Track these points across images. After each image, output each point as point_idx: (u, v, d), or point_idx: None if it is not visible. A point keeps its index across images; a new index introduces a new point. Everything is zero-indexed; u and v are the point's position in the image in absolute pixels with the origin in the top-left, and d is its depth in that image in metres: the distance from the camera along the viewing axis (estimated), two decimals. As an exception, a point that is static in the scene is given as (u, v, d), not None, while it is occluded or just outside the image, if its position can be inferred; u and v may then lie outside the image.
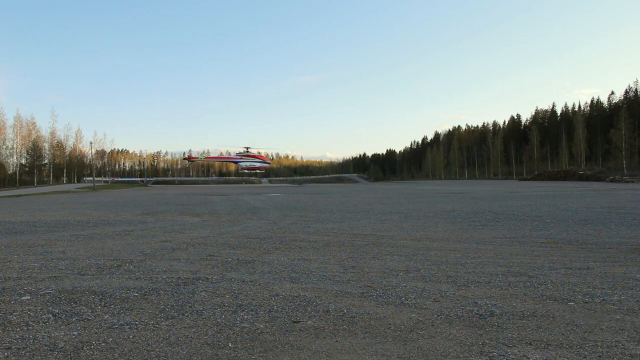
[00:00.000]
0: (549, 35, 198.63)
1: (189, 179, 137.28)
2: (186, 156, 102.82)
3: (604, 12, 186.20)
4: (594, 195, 25.32)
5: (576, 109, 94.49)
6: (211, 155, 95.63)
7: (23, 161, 75.55)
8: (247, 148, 77.74)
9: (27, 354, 3.09)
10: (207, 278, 5.42)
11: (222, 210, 18.17)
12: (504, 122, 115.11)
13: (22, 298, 4.50)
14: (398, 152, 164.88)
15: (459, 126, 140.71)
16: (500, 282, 5.13)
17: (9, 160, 73.10)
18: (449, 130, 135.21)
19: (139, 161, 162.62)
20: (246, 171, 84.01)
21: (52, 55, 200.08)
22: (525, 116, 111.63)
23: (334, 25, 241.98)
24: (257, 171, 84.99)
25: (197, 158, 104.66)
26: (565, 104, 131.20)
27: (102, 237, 9.56)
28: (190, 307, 4.19)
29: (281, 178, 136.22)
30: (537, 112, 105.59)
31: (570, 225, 11.35)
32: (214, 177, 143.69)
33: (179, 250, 7.74)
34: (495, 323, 3.68)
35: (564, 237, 9.14)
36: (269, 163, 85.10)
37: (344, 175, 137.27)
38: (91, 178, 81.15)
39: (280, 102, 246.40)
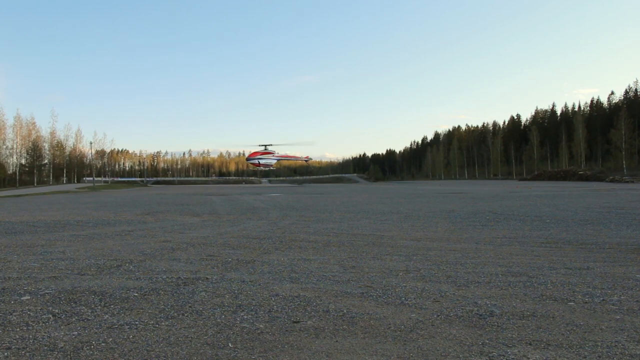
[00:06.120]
0: (548, 35, 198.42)
1: (189, 179, 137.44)
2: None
3: (604, 12, 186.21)
4: (594, 195, 25.32)
5: (576, 109, 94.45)
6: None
7: (23, 161, 75.55)
8: (266, 146, 73.36)
9: (27, 354, 3.09)
10: (207, 278, 5.42)
11: (222, 210, 18.17)
12: (504, 122, 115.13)
13: (22, 298, 4.50)
14: (398, 152, 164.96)
15: (459, 126, 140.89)
16: (500, 282, 5.13)
17: (9, 160, 73.16)
18: (449, 130, 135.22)
19: (139, 161, 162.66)
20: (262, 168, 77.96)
21: (52, 55, 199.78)
22: (525, 116, 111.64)
23: (334, 25, 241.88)
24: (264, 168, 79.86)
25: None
26: (565, 104, 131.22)
27: (102, 237, 9.56)
28: (190, 307, 4.19)
29: (281, 178, 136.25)
30: (537, 112, 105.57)
31: (570, 225, 11.35)
32: (214, 177, 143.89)
33: (179, 250, 7.74)
34: (495, 323, 3.68)
35: (564, 237, 9.14)
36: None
37: (344, 175, 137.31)
38: (91, 178, 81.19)
39: (280, 102, 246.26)
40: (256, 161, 72.46)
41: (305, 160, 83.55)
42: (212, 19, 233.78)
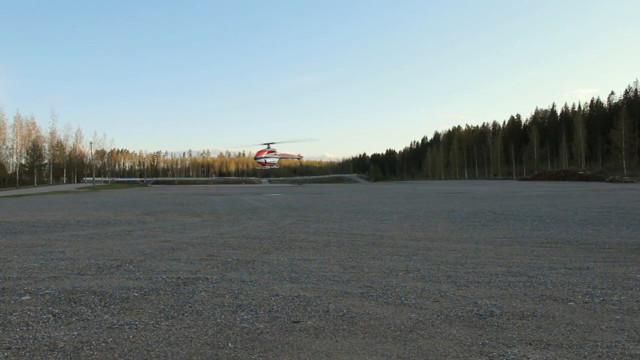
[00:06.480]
0: (548, 35, 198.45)
1: (189, 179, 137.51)
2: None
3: (604, 12, 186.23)
4: (594, 195, 25.32)
5: (576, 109, 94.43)
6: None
7: (23, 161, 75.55)
8: (268, 144, 73.34)
9: (27, 354, 3.09)
10: (207, 278, 5.42)
11: (222, 210, 18.17)
12: (504, 122, 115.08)
13: (22, 298, 4.50)
14: (398, 152, 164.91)
15: (459, 126, 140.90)
16: (500, 282, 5.13)
17: (9, 160, 73.17)
18: (449, 130, 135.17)
19: (139, 161, 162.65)
20: (268, 167, 77.82)
21: (52, 55, 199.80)
22: (525, 116, 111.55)
23: (334, 25, 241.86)
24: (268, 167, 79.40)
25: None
26: (565, 104, 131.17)
27: (102, 237, 9.56)
28: (190, 307, 4.19)
29: (281, 178, 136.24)
30: (537, 112, 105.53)
31: (570, 225, 11.35)
32: (214, 177, 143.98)
33: (179, 250, 7.74)
34: (495, 323, 3.68)
35: (564, 237, 9.14)
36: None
37: (344, 175, 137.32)
38: (91, 178, 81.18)
39: (280, 102, 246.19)
40: (263, 160, 72.60)
41: (298, 159, 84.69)
42: (212, 19, 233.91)
